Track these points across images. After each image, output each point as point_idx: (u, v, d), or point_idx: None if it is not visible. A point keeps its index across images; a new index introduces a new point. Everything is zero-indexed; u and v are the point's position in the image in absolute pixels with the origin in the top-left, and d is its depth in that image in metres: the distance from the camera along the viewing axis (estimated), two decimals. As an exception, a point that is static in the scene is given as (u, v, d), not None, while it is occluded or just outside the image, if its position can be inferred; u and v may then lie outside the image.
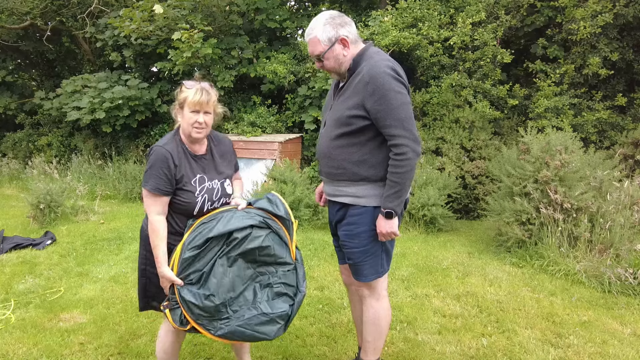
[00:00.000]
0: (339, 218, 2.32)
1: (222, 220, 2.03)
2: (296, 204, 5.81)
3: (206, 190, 2.16)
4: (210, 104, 2.15)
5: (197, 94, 2.10)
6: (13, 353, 2.82)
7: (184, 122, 2.15)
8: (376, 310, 2.33)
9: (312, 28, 2.16)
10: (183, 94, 2.15)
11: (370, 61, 2.11)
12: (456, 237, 5.62)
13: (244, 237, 1.99)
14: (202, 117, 2.12)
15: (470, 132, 6.99)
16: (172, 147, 2.14)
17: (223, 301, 1.97)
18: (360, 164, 2.15)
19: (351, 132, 2.14)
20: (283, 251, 2.08)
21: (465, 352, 2.84)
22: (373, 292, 2.32)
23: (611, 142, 6.94)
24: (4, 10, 10.35)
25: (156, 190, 2.07)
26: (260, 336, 2.03)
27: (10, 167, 10.77)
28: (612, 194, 4.45)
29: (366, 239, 2.23)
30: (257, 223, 2.04)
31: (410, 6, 7.50)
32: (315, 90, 7.53)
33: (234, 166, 2.38)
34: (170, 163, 2.09)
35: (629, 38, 7.21)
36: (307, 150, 7.85)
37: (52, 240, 5.24)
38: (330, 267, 4.37)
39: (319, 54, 2.16)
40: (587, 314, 3.39)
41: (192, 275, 1.99)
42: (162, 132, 9.80)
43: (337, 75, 2.25)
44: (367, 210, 2.20)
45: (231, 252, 2.00)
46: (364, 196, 2.19)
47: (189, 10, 8.16)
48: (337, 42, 2.13)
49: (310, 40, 2.16)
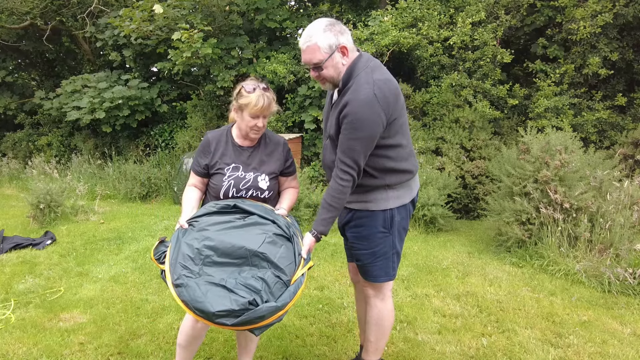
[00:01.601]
0: (347, 220, 2.33)
1: (260, 210, 2.10)
2: (296, 203, 5.81)
3: (235, 178, 2.25)
4: (270, 109, 2.19)
5: (260, 101, 2.13)
6: (13, 353, 2.82)
7: (242, 124, 2.21)
8: (380, 310, 2.34)
9: (310, 35, 2.02)
10: (244, 99, 2.16)
11: (358, 83, 2.03)
12: (456, 237, 5.62)
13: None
14: (262, 121, 2.18)
15: (470, 132, 6.99)
16: (217, 134, 2.31)
17: (208, 255, 1.93)
18: (363, 176, 2.13)
19: None
20: (287, 262, 1.97)
21: (465, 352, 2.84)
22: (378, 292, 2.33)
23: (611, 142, 6.94)
24: (4, 10, 10.35)
25: (191, 168, 2.35)
26: (199, 304, 1.82)
27: (10, 167, 10.77)
28: (612, 193, 4.45)
29: (375, 241, 2.23)
30: (283, 233, 2.06)
31: (410, 6, 7.50)
32: (315, 90, 7.53)
33: (279, 166, 2.35)
34: (206, 148, 2.28)
35: (629, 38, 7.21)
36: (307, 150, 7.85)
37: (52, 240, 5.24)
38: (330, 267, 4.37)
39: (318, 62, 2.04)
40: (587, 314, 3.39)
41: (203, 219, 2.08)
42: (162, 132, 9.81)
43: (331, 85, 2.14)
44: (373, 214, 2.22)
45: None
46: (371, 201, 2.21)
47: (189, 10, 8.16)
48: (337, 50, 2.03)
49: (309, 47, 2.03)
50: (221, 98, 9.21)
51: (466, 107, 7.14)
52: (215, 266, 1.92)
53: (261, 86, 2.18)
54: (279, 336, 2.99)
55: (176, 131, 9.48)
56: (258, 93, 2.14)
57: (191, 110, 9.17)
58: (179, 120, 9.71)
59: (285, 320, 3.22)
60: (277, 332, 3.05)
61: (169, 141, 9.68)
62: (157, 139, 9.83)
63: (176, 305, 3.50)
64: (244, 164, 2.27)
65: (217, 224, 2.05)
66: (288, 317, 3.27)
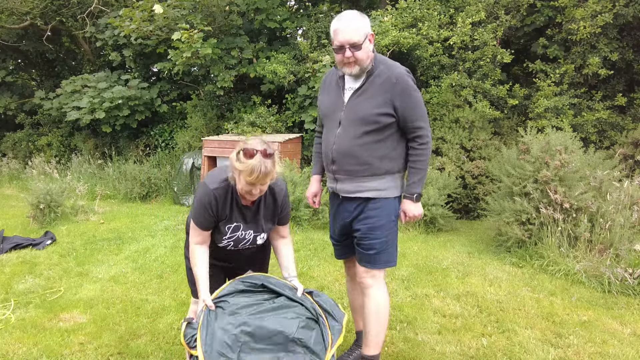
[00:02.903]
0: (357, 213, 2.39)
1: (287, 291, 2.13)
2: (296, 203, 5.81)
3: (235, 238, 2.21)
4: (269, 177, 2.02)
5: (256, 171, 1.95)
6: (13, 353, 2.82)
7: (239, 185, 2.06)
8: (377, 300, 2.43)
9: (350, 19, 2.22)
10: (240, 164, 1.99)
11: (387, 64, 2.30)
12: (456, 237, 5.62)
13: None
14: (258, 188, 2.04)
15: (470, 132, 6.98)
16: (221, 193, 2.11)
17: (246, 341, 1.90)
18: (383, 158, 2.31)
19: (377, 129, 2.28)
20: (320, 347, 1.99)
21: (465, 352, 2.84)
22: (376, 280, 2.44)
23: (611, 142, 6.94)
24: (4, 10, 10.35)
25: (199, 224, 2.15)
26: None
27: (10, 167, 10.78)
28: (612, 194, 4.45)
29: (387, 230, 2.38)
30: (312, 316, 2.06)
31: (410, 6, 7.50)
32: (315, 90, 7.53)
33: (276, 217, 2.29)
34: (213, 208, 2.10)
35: (628, 38, 7.21)
36: (307, 150, 7.85)
37: (52, 240, 5.25)
38: (330, 267, 4.37)
39: (356, 42, 2.20)
40: (587, 314, 3.39)
41: (231, 300, 2.04)
42: (162, 132, 9.81)
43: (358, 69, 2.27)
44: (387, 201, 2.37)
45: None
46: (386, 188, 2.35)
47: (189, 10, 8.16)
48: (368, 37, 2.24)
49: (350, 28, 2.20)
50: (221, 98, 9.21)
51: (466, 107, 7.13)
52: (253, 353, 1.90)
53: (263, 150, 1.99)
54: (279, 336, 2.99)
55: (176, 131, 9.48)
56: (256, 161, 1.95)
57: (191, 110, 9.17)
58: (179, 120, 9.71)
59: (285, 320, 3.22)
60: (277, 332, 3.04)
61: (169, 141, 9.68)
62: (157, 139, 9.83)
63: (176, 305, 3.51)
64: (245, 222, 2.21)
65: (248, 307, 2.03)
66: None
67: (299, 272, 4.11)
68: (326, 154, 2.45)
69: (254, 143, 2.01)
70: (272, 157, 2.01)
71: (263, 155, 1.98)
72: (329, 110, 2.44)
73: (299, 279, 2.35)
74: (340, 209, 2.50)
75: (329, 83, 2.50)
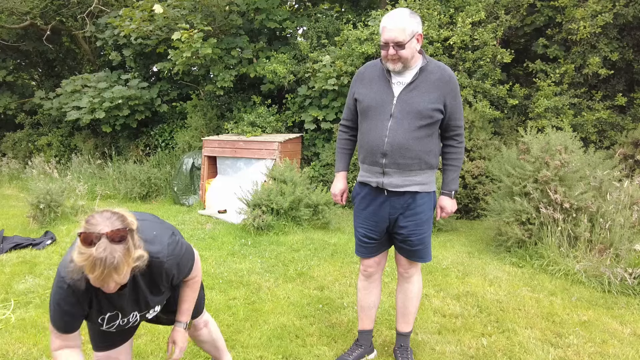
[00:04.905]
0: (404, 209, 2.43)
1: None
2: (296, 203, 5.81)
3: (116, 326, 1.77)
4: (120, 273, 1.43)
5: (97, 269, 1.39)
6: (13, 353, 2.82)
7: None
8: (420, 284, 2.67)
9: (398, 18, 2.26)
10: (77, 257, 1.40)
11: (437, 63, 2.41)
12: (456, 237, 5.62)
13: None
14: (112, 283, 1.47)
15: (470, 132, 6.98)
16: (77, 284, 1.51)
17: None
18: (430, 153, 2.39)
19: (430, 124, 2.35)
20: None
21: (465, 352, 2.84)
22: (418, 269, 2.64)
23: (611, 142, 6.94)
24: (4, 10, 10.35)
25: (57, 328, 1.66)
26: None
27: (10, 167, 10.77)
28: (612, 193, 4.45)
29: (429, 224, 2.51)
30: None
31: (410, 6, 7.50)
32: (315, 90, 7.53)
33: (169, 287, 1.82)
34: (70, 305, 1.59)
35: (629, 38, 7.21)
36: (307, 150, 7.85)
37: (52, 240, 5.24)
38: (330, 267, 4.37)
39: (401, 42, 2.24)
40: (587, 314, 3.39)
41: None
42: (162, 132, 9.81)
43: (402, 66, 2.31)
44: (429, 196, 2.47)
45: None
46: (427, 183, 2.45)
47: (189, 10, 8.15)
48: (415, 37, 2.29)
49: (397, 27, 2.24)
50: (221, 98, 9.21)
51: (466, 107, 7.13)
52: None
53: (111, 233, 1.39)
54: (279, 336, 2.99)
55: (176, 131, 9.49)
56: (97, 251, 1.36)
57: (191, 110, 9.17)
58: (179, 120, 9.71)
59: (285, 320, 3.22)
60: (277, 332, 3.05)
61: (169, 141, 9.68)
62: (157, 139, 9.83)
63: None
64: (120, 308, 1.71)
65: None
66: (288, 317, 3.27)
67: (300, 271, 4.13)
68: (373, 147, 2.37)
69: (100, 220, 1.42)
70: (124, 241, 1.41)
71: (111, 239, 1.38)
72: (376, 102, 2.38)
73: (299, 279, 2.34)
74: (384, 205, 2.44)
75: (369, 76, 2.45)
